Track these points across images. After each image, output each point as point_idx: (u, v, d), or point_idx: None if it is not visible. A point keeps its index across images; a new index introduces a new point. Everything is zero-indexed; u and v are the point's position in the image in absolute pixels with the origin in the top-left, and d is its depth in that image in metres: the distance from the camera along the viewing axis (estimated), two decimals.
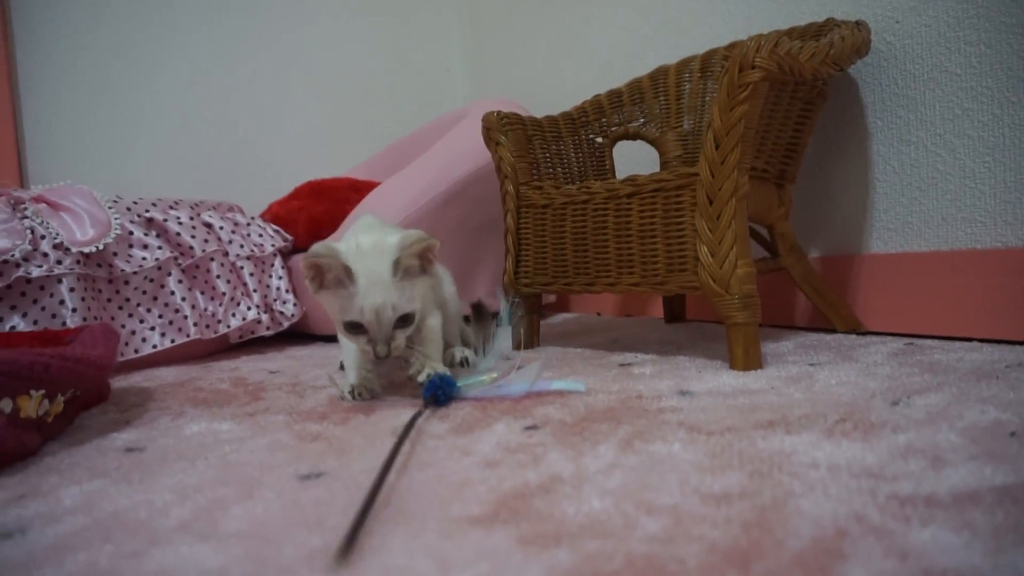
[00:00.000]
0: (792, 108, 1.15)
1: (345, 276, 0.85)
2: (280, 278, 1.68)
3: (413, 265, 0.89)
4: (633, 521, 0.44)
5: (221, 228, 1.61)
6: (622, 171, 1.55)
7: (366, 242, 0.89)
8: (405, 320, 0.88)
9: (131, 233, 1.46)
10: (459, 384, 0.90)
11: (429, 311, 1.01)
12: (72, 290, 1.31)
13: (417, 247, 0.88)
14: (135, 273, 1.43)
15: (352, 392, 0.93)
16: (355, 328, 0.87)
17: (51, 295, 1.30)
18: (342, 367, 1.21)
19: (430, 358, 0.97)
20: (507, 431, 0.70)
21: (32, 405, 0.72)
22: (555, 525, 0.44)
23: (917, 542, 0.38)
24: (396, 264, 0.86)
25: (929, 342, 1.09)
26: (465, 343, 1.26)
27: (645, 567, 0.37)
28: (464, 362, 1.13)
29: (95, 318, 1.33)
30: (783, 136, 1.16)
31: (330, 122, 2.42)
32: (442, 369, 0.95)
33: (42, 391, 0.74)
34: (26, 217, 1.33)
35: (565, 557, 0.39)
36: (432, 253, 0.91)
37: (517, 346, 1.34)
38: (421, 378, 0.92)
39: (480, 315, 1.36)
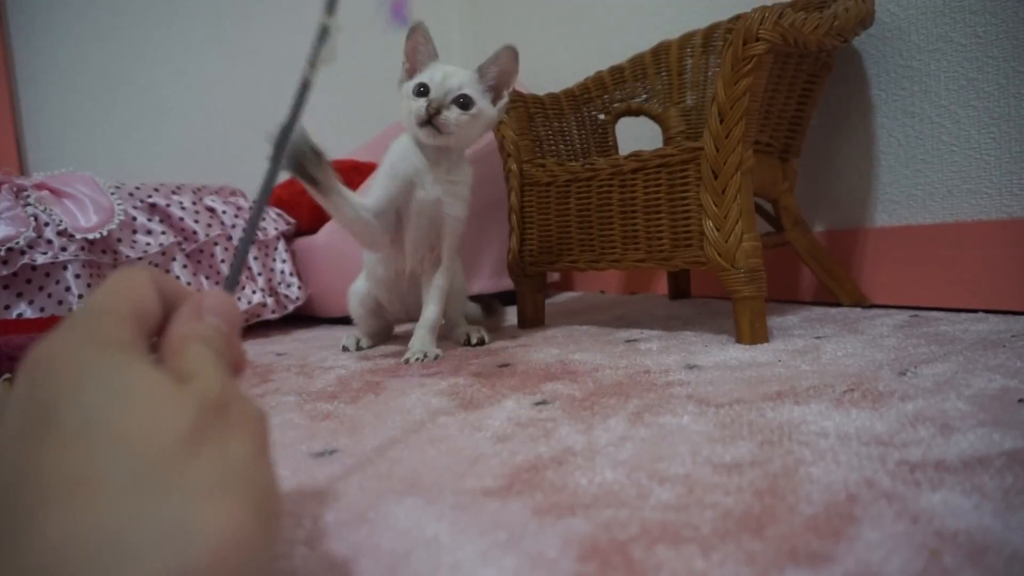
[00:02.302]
0: (796, 81, 1.14)
1: (431, 57, 1.07)
2: (284, 261, 1.68)
3: (489, 73, 1.09)
4: (647, 491, 0.45)
5: (224, 212, 1.61)
6: (625, 147, 1.55)
7: None
8: (464, 103, 1.04)
9: (134, 219, 1.46)
10: None
11: (453, 247, 1.14)
12: (78, 276, 1.31)
13: (490, 60, 1.09)
14: (139, 259, 1.43)
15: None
16: (421, 91, 1.04)
17: (57, 282, 1.30)
18: (344, 349, 1.22)
19: (424, 329, 1.11)
20: (517, 407, 0.70)
21: None
22: (569, 496, 0.45)
23: (928, 505, 0.39)
24: (479, 67, 1.08)
25: (934, 314, 1.09)
26: (468, 320, 1.29)
27: (660, 533, 0.38)
28: (481, 341, 1.16)
29: None
30: (787, 109, 1.15)
31: (331, 104, 2.40)
32: (433, 349, 1.08)
33: None
34: (29, 204, 1.33)
35: (580, 525, 0.40)
36: (510, 64, 1.10)
37: (522, 324, 1.34)
38: (411, 360, 1.04)
39: (491, 310, 1.39)
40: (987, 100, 1.08)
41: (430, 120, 1.01)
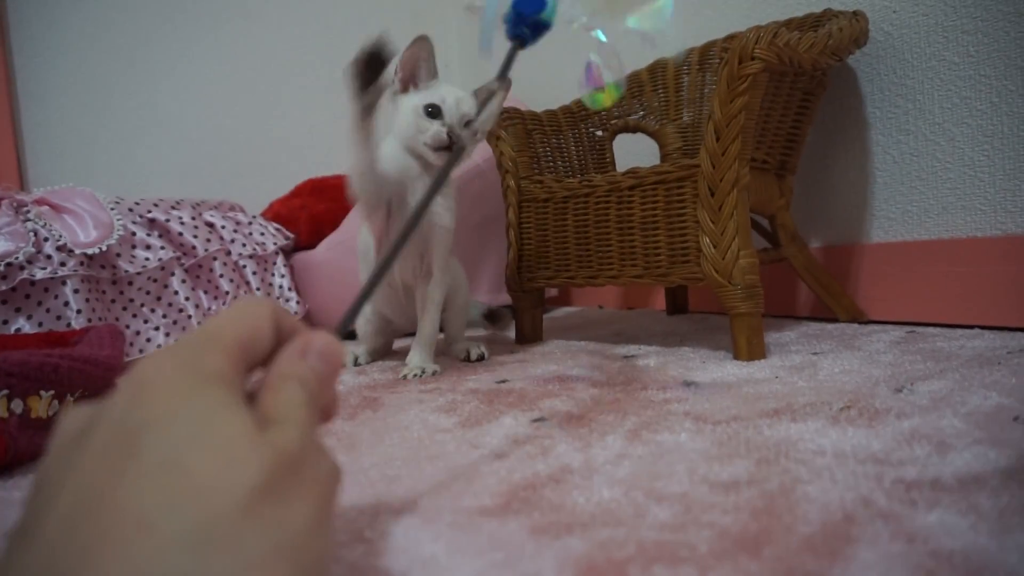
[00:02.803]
0: (792, 99, 1.15)
1: (431, 75, 1.06)
2: (283, 276, 1.69)
3: (483, 96, 1.07)
4: (643, 509, 0.45)
5: (223, 227, 1.62)
6: (622, 164, 1.56)
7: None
8: (471, 125, 1.05)
9: (134, 234, 1.46)
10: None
11: (443, 257, 1.13)
12: (76, 292, 1.31)
13: (486, 86, 1.06)
14: (139, 274, 1.43)
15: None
16: (433, 112, 1.03)
17: (55, 297, 1.30)
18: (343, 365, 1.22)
19: (420, 345, 1.11)
20: (515, 423, 0.70)
21: (42, 406, 0.73)
22: (566, 514, 0.45)
23: (924, 525, 0.39)
24: (474, 91, 1.08)
25: (931, 330, 1.09)
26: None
27: (657, 553, 0.38)
28: (481, 357, 1.17)
29: (99, 319, 1.34)
30: (783, 127, 1.16)
31: (330, 120, 2.41)
32: (431, 365, 1.08)
33: (52, 392, 0.74)
34: (28, 220, 1.33)
35: (577, 544, 0.40)
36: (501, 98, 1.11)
37: (520, 340, 1.35)
38: (408, 376, 1.05)
39: (496, 318, 1.39)
40: (980, 118, 1.09)
41: (450, 146, 1.01)
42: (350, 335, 1.31)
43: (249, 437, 0.27)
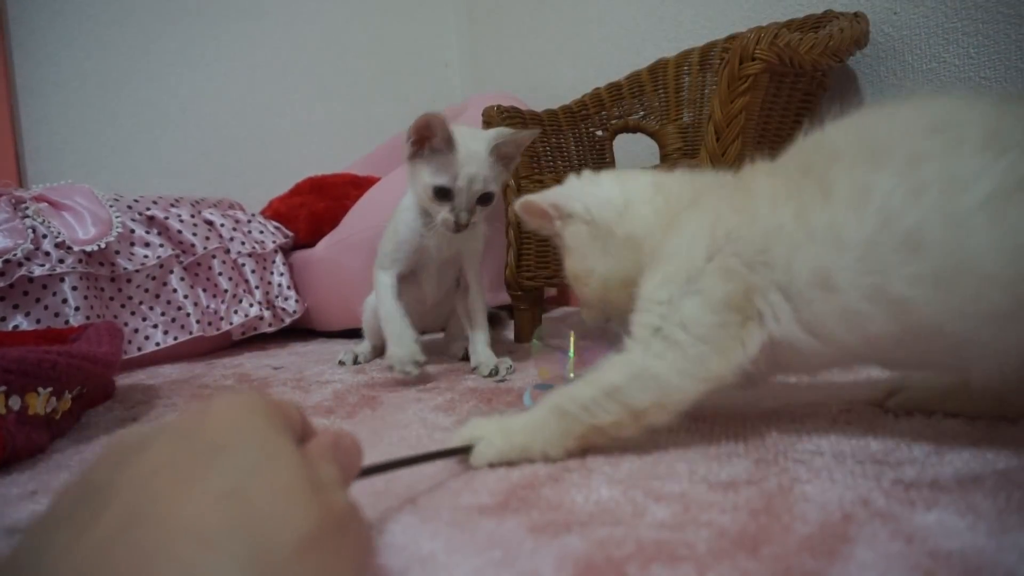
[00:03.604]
0: (792, 100, 1.15)
1: (446, 144, 0.94)
2: (282, 274, 1.69)
3: (506, 152, 1.00)
4: (642, 508, 0.45)
5: (222, 225, 1.61)
6: (622, 164, 1.56)
7: (464, 128, 1.00)
8: (486, 199, 0.99)
9: (132, 231, 1.46)
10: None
11: (477, 270, 1.11)
12: (75, 289, 1.31)
13: (512, 137, 0.99)
14: (137, 271, 1.43)
15: (409, 366, 0.96)
16: (443, 194, 0.96)
17: (54, 294, 1.30)
18: (341, 363, 1.22)
19: (485, 345, 1.07)
20: None
21: (40, 402, 0.73)
22: (565, 513, 0.45)
23: (922, 525, 0.39)
24: (493, 147, 0.97)
25: None
26: None
27: (656, 552, 0.38)
28: (496, 371, 1.04)
29: (98, 316, 1.34)
30: (783, 128, 1.16)
31: (329, 118, 2.42)
32: (494, 362, 1.02)
33: (50, 388, 0.74)
34: (27, 216, 1.33)
35: (576, 543, 0.40)
36: (525, 143, 1.04)
37: (519, 339, 1.35)
38: (484, 372, 1.00)
39: (490, 323, 1.38)
40: None
41: (459, 229, 0.98)
42: (345, 334, 1.30)
43: (307, 488, 0.29)
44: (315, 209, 1.80)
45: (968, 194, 0.44)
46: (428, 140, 0.96)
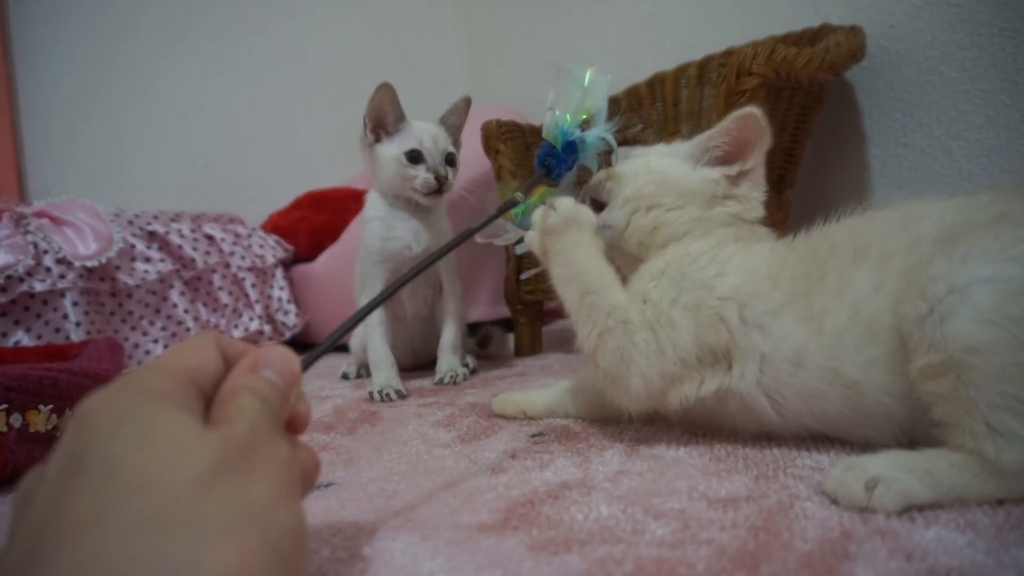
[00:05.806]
0: (789, 113, 1.16)
1: (400, 120, 1.06)
2: (282, 288, 1.69)
3: (452, 123, 1.12)
4: (642, 526, 0.45)
5: (222, 240, 1.62)
6: None
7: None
8: (451, 159, 1.09)
9: (133, 247, 1.46)
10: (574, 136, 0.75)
11: (452, 273, 1.16)
12: (76, 304, 1.31)
13: (452, 108, 1.12)
14: (138, 286, 1.44)
15: (380, 393, 0.99)
16: (415, 157, 1.04)
17: (55, 309, 1.30)
18: (344, 376, 1.22)
19: (450, 349, 1.12)
20: (513, 439, 0.70)
21: (41, 420, 0.73)
22: (565, 531, 0.45)
23: (922, 542, 0.39)
24: (440, 119, 1.11)
25: None
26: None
27: (655, 571, 0.38)
28: (445, 379, 1.09)
29: (99, 332, 1.34)
30: (781, 141, 1.17)
31: (329, 132, 2.42)
32: (450, 371, 1.08)
33: (51, 406, 0.74)
34: (29, 232, 1.34)
35: (576, 562, 0.40)
36: (466, 110, 1.14)
37: (519, 352, 1.34)
38: (446, 380, 1.06)
39: (486, 341, 1.37)
40: (977, 132, 1.10)
41: (439, 189, 1.04)
42: (345, 348, 1.30)
43: (193, 432, 0.29)
44: (315, 223, 1.81)
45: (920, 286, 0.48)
46: (383, 124, 1.06)
